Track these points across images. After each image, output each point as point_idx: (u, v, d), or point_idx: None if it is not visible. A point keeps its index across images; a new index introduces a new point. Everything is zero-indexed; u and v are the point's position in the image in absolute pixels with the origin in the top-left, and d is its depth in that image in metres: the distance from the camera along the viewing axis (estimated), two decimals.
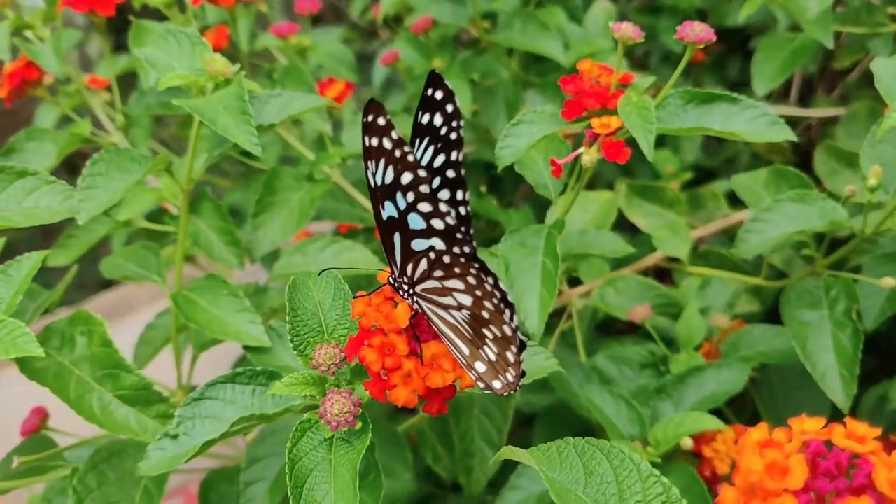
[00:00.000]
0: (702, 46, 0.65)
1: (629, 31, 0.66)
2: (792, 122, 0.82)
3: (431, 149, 0.54)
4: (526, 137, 0.70)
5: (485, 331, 0.51)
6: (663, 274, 1.18)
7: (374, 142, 0.49)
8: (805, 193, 0.79)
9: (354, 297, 0.54)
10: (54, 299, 0.78)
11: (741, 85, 1.36)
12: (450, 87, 0.53)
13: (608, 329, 1.19)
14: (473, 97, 1.15)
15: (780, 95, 1.35)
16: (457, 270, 0.50)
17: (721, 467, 0.78)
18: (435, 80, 0.53)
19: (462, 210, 0.55)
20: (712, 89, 0.70)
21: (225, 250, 0.82)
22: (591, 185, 1.17)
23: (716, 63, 1.40)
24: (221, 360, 1.15)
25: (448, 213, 0.50)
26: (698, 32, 0.65)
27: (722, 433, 0.78)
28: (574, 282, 1.01)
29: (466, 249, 0.52)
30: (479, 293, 0.50)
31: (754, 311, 1.00)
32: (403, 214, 0.51)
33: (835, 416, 0.83)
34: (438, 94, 0.53)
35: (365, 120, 0.49)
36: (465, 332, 0.51)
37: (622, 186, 1.05)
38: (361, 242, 1.17)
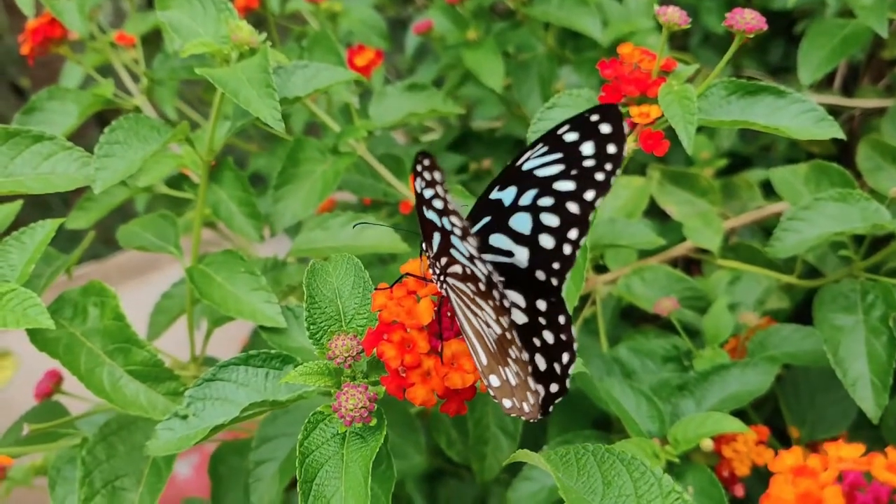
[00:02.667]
0: (752, 35, 0.62)
1: (675, 15, 0.63)
2: (834, 111, 0.79)
3: (559, 167, 0.48)
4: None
5: (510, 351, 0.48)
6: (692, 263, 1.15)
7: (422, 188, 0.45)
8: (847, 193, 0.76)
9: (375, 288, 0.52)
10: (70, 263, 0.77)
11: (783, 70, 1.32)
12: (624, 129, 0.47)
13: (632, 315, 1.17)
14: (506, 71, 1.12)
15: (823, 83, 1.30)
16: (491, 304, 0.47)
17: (740, 469, 0.76)
18: (608, 113, 0.47)
19: (567, 249, 0.49)
20: (754, 75, 0.67)
21: (245, 222, 0.81)
22: (623, 168, 1.14)
23: (758, 47, 1.36)
24: (240, 331, 1.14)
25: (477, 270, 0.45)
26: (749, 21, 0.62)
27: (743, 434, 0.76)
28: (600, 268, 0.99)
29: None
30: (508, 336, 0.47)
31: (783, 307, 0.97)
32: (447, 231, 0.47)
33: (861, 421, 0.81)
34: (605, 128, 0.47)
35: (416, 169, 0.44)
36: (488, 343, 0.48)
37: (655, 172, 1.02)
38: (385, 216, 1.16)
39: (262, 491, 0.69)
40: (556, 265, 0.50)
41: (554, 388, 0.51)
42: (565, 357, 0.50)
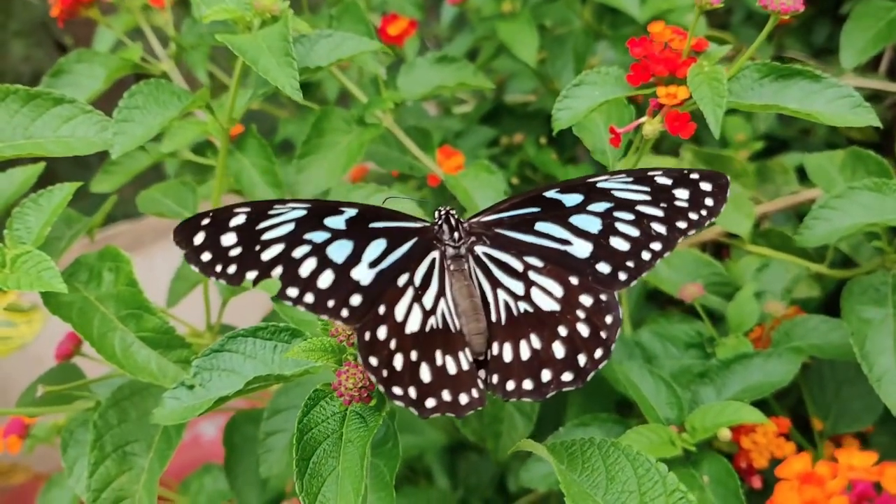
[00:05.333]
0: (787, 17, 0.60)
1: None
2: (878, 96, 0.75)
3: (644, 196, 0.54)
4: (586, 100, 0.66)
5: None
6: (721, 248, 1.12)
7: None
8: (883, 182, 0.73)
9: None
10: (92, 226, 0.77)
11: (827, 52, 1.28)
12: (726, 195, 0.53)
13: (657, 298, 1.15)
14: (541, 45, 1.10)
15: (868, 66, 1.26)
16: None
17: (759, 461, 0.75)
18: (714, 179, 0.54)
19: (646, 255, 0.54)
20: (796, 57, 0.64)
21: (267, 191, 0.80)
22: (656, 149, 1.11)
23: (802, 26, 1.31)
24: (264, 300, 1.14)
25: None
26: (785, 0, 0.59)
27: (763, 425, 0.75)
28: None
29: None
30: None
31: (813, 296, 0.95)
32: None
33: (887, 415, 0.79)
34: (705, 185, 0.53)
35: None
36: None
37: (687, 153, 0.99)
38: (413, 189, 1.15)
39: (272, 462, 0.69)
40: (630, 264, 0.54)
41: (567, 377, 0.52)
42: (598, 353, 0.52)
